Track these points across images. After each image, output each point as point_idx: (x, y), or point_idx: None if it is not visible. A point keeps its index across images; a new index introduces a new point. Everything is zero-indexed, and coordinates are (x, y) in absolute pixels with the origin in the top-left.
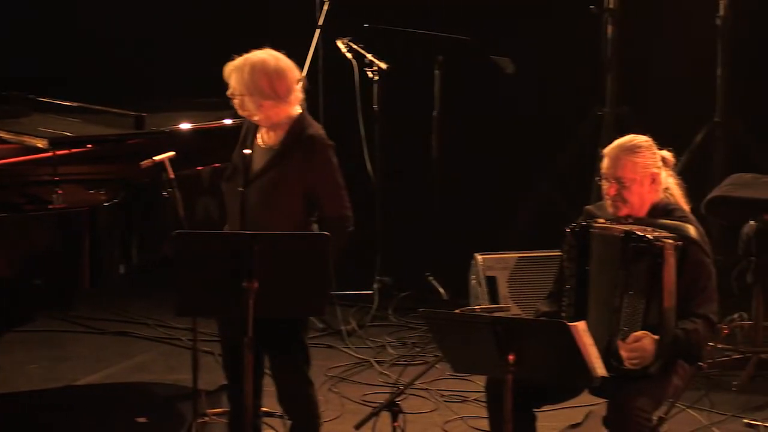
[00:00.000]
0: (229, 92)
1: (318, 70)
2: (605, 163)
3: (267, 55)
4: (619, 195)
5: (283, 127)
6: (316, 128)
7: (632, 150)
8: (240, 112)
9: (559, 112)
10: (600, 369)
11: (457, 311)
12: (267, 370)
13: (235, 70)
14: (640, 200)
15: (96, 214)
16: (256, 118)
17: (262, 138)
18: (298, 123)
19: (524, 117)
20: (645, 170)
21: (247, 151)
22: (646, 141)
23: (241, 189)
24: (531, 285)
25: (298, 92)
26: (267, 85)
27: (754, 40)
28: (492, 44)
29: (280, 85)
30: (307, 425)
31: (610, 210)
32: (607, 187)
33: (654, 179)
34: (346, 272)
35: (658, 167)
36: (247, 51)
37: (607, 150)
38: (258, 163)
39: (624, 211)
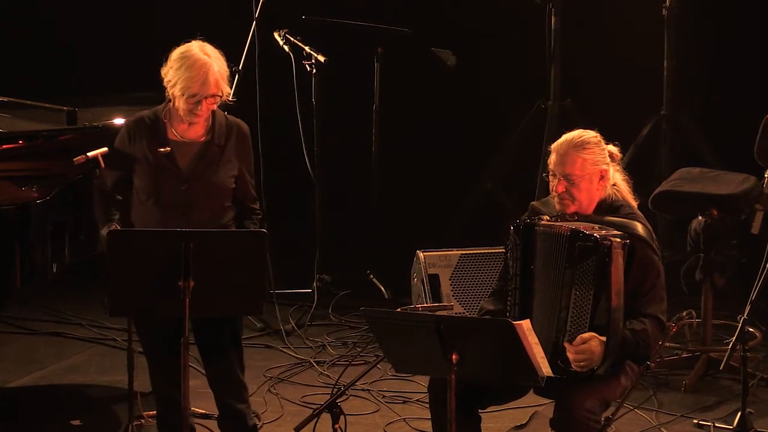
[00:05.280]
0: (219, 90)
1: (255, 63)
2: (553, 159)
3: (203, 44)
4: (567, 192)
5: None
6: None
7: (581, 146)
8: (207, 110)
9: (503, 105)
10: (545, 368)
11: (398, 310)
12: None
13: (214, 63)
14: (589, 197)
15: (27, 211)
16: (206, 110)
17: (177, 132)
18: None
19: (467, 110)
20: (594, 167)
21: (166, 149)
22: (595, 136)
23: (184, 187)
24: (474, 283)
25: None
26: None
27: (702, 31)
28: (433, 36)
29: None
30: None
31: (558, 207)
32: (555, 184)
33: (603, 176)
34: (284, 270)
35: (607, 163)
36: (179, 44)
37: (554, 145)
38: (188, 158)
39: (572, 209)
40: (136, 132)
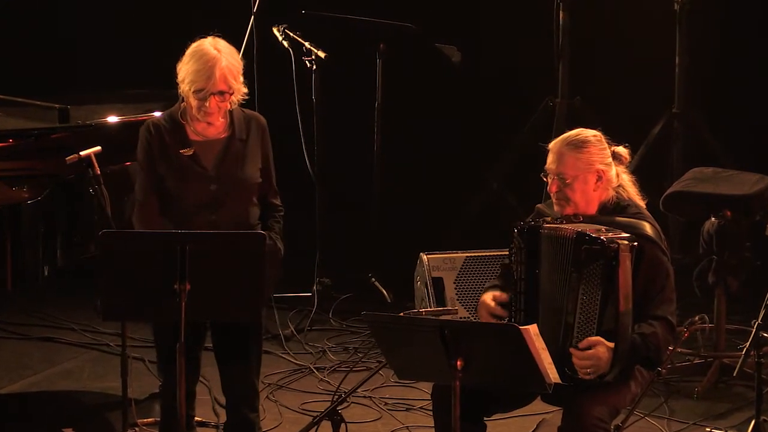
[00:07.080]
0: (228, 86)
1: (253, 59)
2: (549, 158)
3: (216, 39)
4: (561, 192)
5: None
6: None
7: (576, 145)
8: (221, 108)
9: (509, 103)
10: (553, 374)
11: (401, 314)
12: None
13: (223, 58)
14: (585, 198)
15: (18, 212)
16: (215, 107)
17: (197, 132)
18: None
19: (472, 108)
20: (588, 167)
21: (189, 150)
22: (594, 135)
23: (213, 186)
24: (480, 286)
25: None
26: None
27: (714, 27)
28: (437, 32)
29: None
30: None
31: (555, 208)
32: (550, 184)
33: (600, 176)
34: (284, 273)
35: (607, 164)
36: (186, 39)
37: (551, 144)
38: (212, 157)
39: (568, 210)
40: (156, 138)
